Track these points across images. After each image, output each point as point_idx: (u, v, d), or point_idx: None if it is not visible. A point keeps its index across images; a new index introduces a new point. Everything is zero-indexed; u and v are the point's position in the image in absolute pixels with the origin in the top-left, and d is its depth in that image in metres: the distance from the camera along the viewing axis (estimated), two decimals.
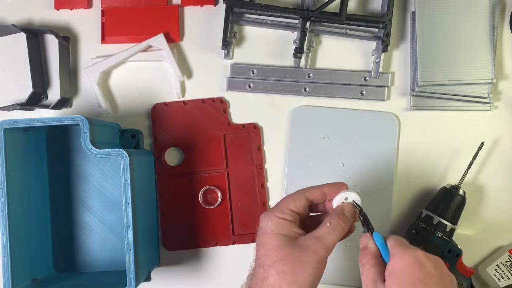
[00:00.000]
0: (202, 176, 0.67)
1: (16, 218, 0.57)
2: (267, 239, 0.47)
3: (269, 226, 0.47)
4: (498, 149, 0.67)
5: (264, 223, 0.48)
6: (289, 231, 0.47)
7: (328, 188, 0.50)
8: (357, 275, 0.65)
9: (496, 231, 0.67)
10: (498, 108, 0.67)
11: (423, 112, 0.67)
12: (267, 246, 0.47)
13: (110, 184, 0.66)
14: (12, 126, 0.55)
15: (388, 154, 0.67)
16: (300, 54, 0.65)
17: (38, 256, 0.62)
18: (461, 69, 0.64)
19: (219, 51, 0.67)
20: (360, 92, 0.67)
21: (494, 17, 0.65)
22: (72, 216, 0.66)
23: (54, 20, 0.68)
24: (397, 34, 0.68)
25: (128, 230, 0.55)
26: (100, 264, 0.65)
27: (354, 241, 0.65)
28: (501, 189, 0.67)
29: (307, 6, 0.66)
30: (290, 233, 0.47)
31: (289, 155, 0.67)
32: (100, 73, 0.66)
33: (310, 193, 0.49)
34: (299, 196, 0.49)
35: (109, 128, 0.64)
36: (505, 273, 0.63)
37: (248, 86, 0.67)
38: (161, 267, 0.67)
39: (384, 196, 0.66)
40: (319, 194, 0.49)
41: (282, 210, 0.48)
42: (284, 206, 0.48)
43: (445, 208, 0.62)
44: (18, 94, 0.66)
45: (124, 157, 0.55)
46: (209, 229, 0.67)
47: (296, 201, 0.49)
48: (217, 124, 0.67)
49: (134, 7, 0.67)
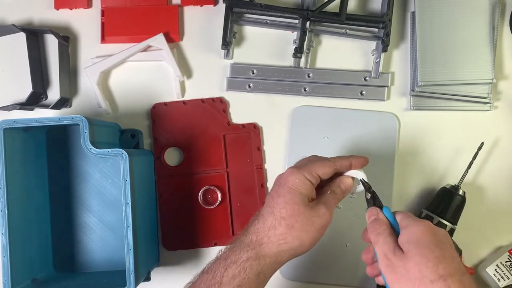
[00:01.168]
0: (202, 176, 0.67)
1: (16, 218, 0.57)
2: (288, 194, 0.49)
3: (296, 182, 0.50)
4: (498, 149, 0.67)
5: (291, 178, 0.50)
6: (310, 193, 0.50)
7: (356, 160, 0.54)
8: (357, 275, 0.66)
9: (496, 231, 0.67)
10: (498, 108, 0.67)
11: (423, 112, 0.67)
12: (286, 199, 0.49)
13: (110, 184, 0.65)
14: (12, 126, 0.55)
15: (388, 154, 0.67)
16: (300, 54, 0.65)
17: (38, 256, 0.62)
18: (461, 69, 0.64)
19: (219, 51, 0.67)
20: (360, 92, 0.67)
21: (494, 17, 0.65)
22: (72, 216, 0.66)
23: (54, 20, 0.68)
24: (397, 34, 0.68)
25: (128, 230, 0.55)
26: (100, 264, 0.65)
27: (354, 241, 0.66)
28: (501, 189, 0.67)
29: (307, 6, 0.66)
30: (309, 195, 0.50)
31: (289, 155, 0.67)
32: (100, 73, 0.66)
33: (339, 163, 0.53)
34: (329, 164, 0.52)
35: (109, 128, 0.64)
36: (505, 273, 0.63)
37: (248, 86, 0.67)
38: (161, 267, 0.67)
39: (384, 196, 0.66)
40: (347, 165, 0.53)
41: (311, 173, 0.50)
42: (313, 169, 0.51)
43: (445, 208, 0.62)
44: (18, 94, 0.66)
45: (124, 157, 0.55)
46: (209, 229, 0.67)
47: (325, 168, 0.51)
48: (217, 124, 0.67)
49: (134, 7, 0.67)
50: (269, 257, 0.48)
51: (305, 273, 0.66)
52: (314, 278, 0.66)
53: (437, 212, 0.62)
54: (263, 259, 0.48)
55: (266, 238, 0.49)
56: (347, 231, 0.66)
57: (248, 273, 0.47)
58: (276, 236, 0.48)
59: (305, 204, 0.49)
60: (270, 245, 0.48)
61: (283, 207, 0.49)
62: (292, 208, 0.49)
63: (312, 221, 0.49)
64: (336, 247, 0.66)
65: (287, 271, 0.66)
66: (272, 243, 0.48)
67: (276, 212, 0.49)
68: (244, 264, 0.48)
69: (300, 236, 0.48)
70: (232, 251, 0.49)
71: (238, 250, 0.49)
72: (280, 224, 0.48)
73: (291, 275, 0.66)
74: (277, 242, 0.48)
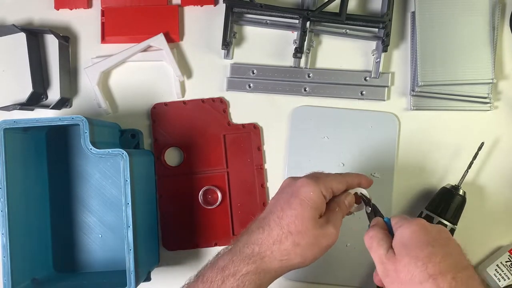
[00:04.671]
0: (202, 176, 0.67)
1: (16, 218, 0.57)
2: (300, 207, 0.47)
3: (309, 195, 0.47)
4: (498, 149, 0.67)
5: (305, 190, 0.48)
6: (321, 209, 0.48)
7: (365, 179, 0.52)
8: (357, 275, 0.66)
9: (496, 231, 0.67)
10: (498, 108, 0.67)
11: (423, 112, 0.67)
12: (296, 213, 0.47)
13: (110, 184, 0.65)
14: (12, 126, 0.55)
15: (388, 154, 0.67)
16: (300, 54, 0.65)
17: (38, 256, 0.62)
18: (461, 69, 0.64)
19: (219, 51, 0.67)
20: (360, 92, 0.67)
21: (494, 17, 0.65)
22: (72, 216, 0.66)
23: (54, 20, 0.68)
24: (397, 34, 0.68)
25: (128, 230, 0.55)
26: (100, 264, 0.65)
27: (354, 241, 0.66)
28: (501, 189, 0.67)
29: (307, 6, 0.66)
30: (321, 210, 0.48)
31: (289, 155, 0.67)
32: (100, 73, 0.66)
33: (350, 180, 0.51)
34: (341, 179, 0.50)
35: (109, 128, 0.64)
36: (505, 273, 0.63)
37: (248, 86, 0.67)
38: (161, 267, 0.67)
39: (384, 196, 0.66)
40: (357, 183, 0.52)
41: (326, 187, 0.48)
42: (328, 184, 0.49)
43: (445, 208, 0.62)
44: (18, 94, 0.66)
45: (124, 157, 0.55)
46: (209, 229, 0.67)
47: (339, 184, 0.50)
48: (217, 124, 0.67)
49: (134, 7, 0.67)
50: (269, 273, 0.47)
51: (305, 273, 0.66)
52: (314, 278, 0.66)
53: (437, 212, 0.62)
54: (263, 274, 0.47)
55: (269, 251, 0.47)
56: (347, 231, 0.65)
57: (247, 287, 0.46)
58: (280, 251, 0.46)
59: (315, 221, 0.47)
60: (273, 259, 0.47)
61: (292, 222, 0.47)
62: (301, 224, 0.46)
63: (318, 241, 0.47)
64: (336, 247, 0.65)
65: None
66: (275, 258, 0.47)
67: (284, 224, 0.47)
68: (243, 278, 0.46)
69: (304, 254, 0.47)
70: (231, 261, 0.47)
71: (237, 261, 0.47)
72: (287, 239, 0.46)
73: (291, 275, 0.66)
74: (279, 257, 0.47)
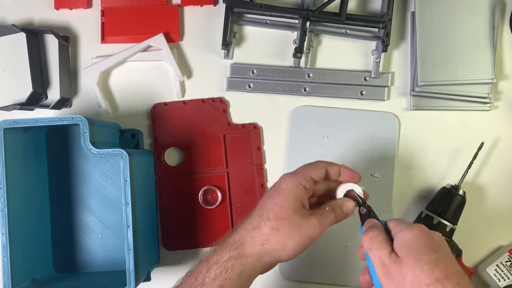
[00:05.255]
0: (202, 176, 0.67)
1: (16, 218, 0.57)
2: (279, 197, 0.49)
3: (288, 186, 0.49)
4: (498, 149, 0.67)
5: (284, 182, 0.50)
6: (302, 199, 0.49)
7: (345, 170, 0.53)
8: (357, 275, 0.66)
9: (496, 231, 0.67)
10: (498, 108, 0.67)
11: (423, 112, 0.67)
12: (275, 201, 0.49)
13: (110, 184, 0.65)
14: (12, 126, 0.55)
15: (388, 154, 0.67)
16: (300, 54, 0.65)
17: (38, 256, 0.62)
18: (461, 69, 0.64)
19: (219, 51, 0.67)
20: (360, 92, 0.67)
21: (494, 17, 0.65)
22: (72, 216, 0.66)
23: (54, 20, 0.68)
24: (397, 34, 0.68)
25: (128, 230, 0.55)
26: (100, 264, 0.65)
27: (354, 241, 0.66)
28: (501, 189, 0.67)
29: (307, 6, 0.66)
30: (301, 201, 0.49)
31: (289, 155, 0.67)
32: (100, 73, 0.66)
33: (330, 167, 0.52)
34: (319, 165, 0.52)
35: (109, 128, 0.64)
36: (505, 273, 0.63)
37: (248, 86, 0.67)
38: (161, 267, 0.67)
39: (384, 196, 0.66)
40: (336, 169, 0.53)
41: (304, 177, 0.50)
42: (306, 173, 0.51)
43: (445, 208, 0.62)
44: (18, 94, 0.66)
45: (124, 157, 0.55)
46: (209, 229, 0.67)
47: (316, 170, 0.51)
48: (217, 124, 0.67)
49: (134, 7, 0.67)
50: (251, 257, 0.48)
51: (304, 273, 0.66)
52: (314, 278, 0.66)
53: (437, 212, 0.62)
54: (244, 259, 0.47)
55: (249, 238, 0.48)
56: (347, 231, 0.65)
57: (229, 273, 0.47)
58: (259, 237, 0.48)
59: (295, 209, 0.48)
60: (253, 245, 0.48)
61: (271, 209, 0.48)
62: (279, 211, 0.48)
63: (299, 229, 0.48)
64: (336, 247, 0.66)
65: (287, 271, 0.66)
66: (255, 243, 0.48)
67: (264, 213, 0.49)
68: (225, 264, 0.47)
69: (284, 241, 0.47)
70: (215, 252, 0.48)
71: (220, 250, 0.48)
72: (265, 225, 0.48)
73: (291, 275, 0.66)
74: (260, 242, 0.48)
